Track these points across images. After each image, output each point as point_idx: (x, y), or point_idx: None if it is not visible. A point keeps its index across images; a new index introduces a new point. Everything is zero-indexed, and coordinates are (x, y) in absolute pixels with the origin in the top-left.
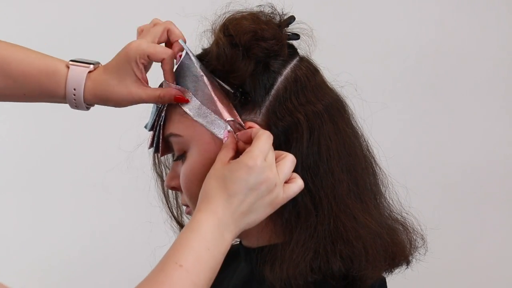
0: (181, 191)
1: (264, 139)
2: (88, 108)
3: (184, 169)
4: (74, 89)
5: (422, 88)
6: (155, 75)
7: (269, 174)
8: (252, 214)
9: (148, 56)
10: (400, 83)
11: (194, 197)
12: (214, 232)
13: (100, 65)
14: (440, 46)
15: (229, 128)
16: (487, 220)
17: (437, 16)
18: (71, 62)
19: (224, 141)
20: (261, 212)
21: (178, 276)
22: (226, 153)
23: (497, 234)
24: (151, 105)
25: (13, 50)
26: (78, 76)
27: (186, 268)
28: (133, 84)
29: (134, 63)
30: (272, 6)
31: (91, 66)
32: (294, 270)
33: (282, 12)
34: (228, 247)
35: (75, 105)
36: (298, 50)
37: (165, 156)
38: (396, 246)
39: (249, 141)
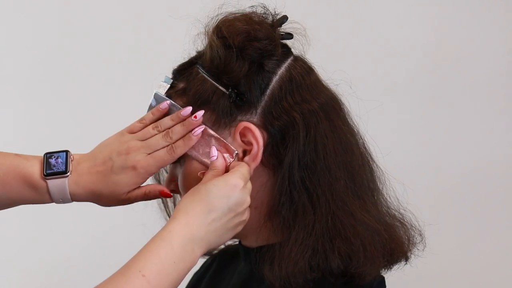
0: (179, 193)
1: (247, 168)
2: None
3: (183, 172)
4: (61, 199)
5: (417, 85)
6: (154, 75)
7: (248, 198)
8: (222, 234)
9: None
10: (395, 80)
11: None
12: (185, 246)
13: (72, 155)
14: (436, 43)
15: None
16: (485, 215)
17: (433, 12)
18: (46, 177)
19: (211, 160)
20: (229, 233)
21: (138, 285)
22: (213, 175)
23: (496, 229)
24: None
25: None
26: (59, 189)
27: (148, 279)
28: (122, 194)
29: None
30: (265, 7)
31: (68, 174)
32: (293, 269)
33: (275, 12)
34: (195, 263)
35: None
36: (292, 50)
37: None
38: (394, 242)
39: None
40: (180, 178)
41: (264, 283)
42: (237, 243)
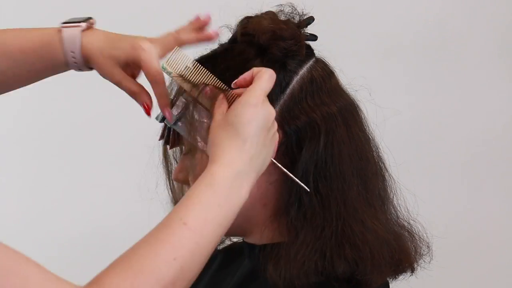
0: (188, 184)
1: (266, 78)
2: (91, 69)
3: (194, 164)
4: (72, 52)
5: (436, 94)
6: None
7: (271, 108)
8: (265, 154)
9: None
10: (413, 88)
11: None
12: (231, 185)
13: (92, 20)
14: (447, 49)
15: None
16: (495, 232)
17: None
18: (62, 25)
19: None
20: (271, 148)
21: (180, 235)
22: (222, 107)
23: (504, 245)
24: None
25: (6, 30)
26: (72, 38)
27: (190, 226)
28: (119, 69)
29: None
30: (293, 6)
31: (83, 24)
32: (298, 270)
33: (302, 13)
34: (245, 199)
35: (78, 68)
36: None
37: (174, 149)
38: (402, 252)
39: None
40: (191, 170)
41: (266, 281)
42: (242, 240)
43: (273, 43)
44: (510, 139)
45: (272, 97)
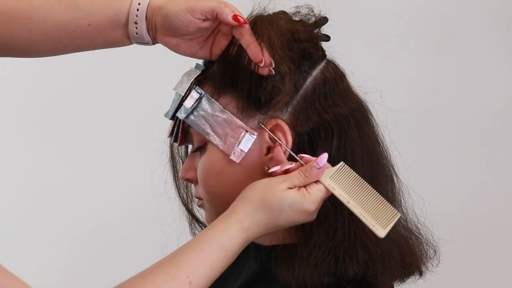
0: (195, 183)
1: (324, 193)
2: (148, 43)
3: (204, 161)
4: (139, 4)
5: (445, 98)
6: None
7: (309, 219)
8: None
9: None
10: (423, 92)
11: (210, 191)
12: (240, 248)
13: None
14: (451, 49)
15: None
16: (503, 236)
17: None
18: None
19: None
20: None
21: None
22: (291, 181)
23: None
24: (173, 93)
25: None
26: None
27: (194, 285)
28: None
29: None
30: (310, 8)
31: None
32: (311, 272)
33: (319, 14)
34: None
35: (135, 27)
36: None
37: (178, 148)
38: (412, 255)
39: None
40: (199, 167)
41: (273, 282)
42: None
43: (291, 45)
44: None
45: (286, 97)
